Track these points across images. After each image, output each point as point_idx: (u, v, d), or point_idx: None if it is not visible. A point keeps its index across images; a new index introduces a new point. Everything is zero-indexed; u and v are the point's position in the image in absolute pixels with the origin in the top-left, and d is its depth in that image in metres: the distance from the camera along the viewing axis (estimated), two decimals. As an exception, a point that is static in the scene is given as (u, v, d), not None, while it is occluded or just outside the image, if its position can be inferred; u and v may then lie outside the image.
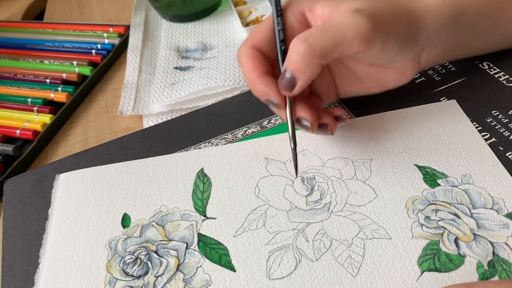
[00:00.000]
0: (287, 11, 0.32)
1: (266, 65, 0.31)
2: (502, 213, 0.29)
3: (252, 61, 0.31)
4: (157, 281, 0.28)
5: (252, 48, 0.31)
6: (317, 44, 0.28)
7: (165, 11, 0.55)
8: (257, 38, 0.32)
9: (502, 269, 0.26)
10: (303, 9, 0.32)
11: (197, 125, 0.39)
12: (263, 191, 0.32)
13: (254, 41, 0.32)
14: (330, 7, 0.30)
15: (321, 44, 0.28)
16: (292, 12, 0.32)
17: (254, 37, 0.32)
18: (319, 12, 0.31)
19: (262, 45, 0.31)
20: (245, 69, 0.31)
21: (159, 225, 0.31)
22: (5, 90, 0.48)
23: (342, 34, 0.28)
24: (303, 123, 0.31)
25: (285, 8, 0.32)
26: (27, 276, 0.30)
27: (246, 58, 0.31)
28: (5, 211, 0.35)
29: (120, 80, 0.50)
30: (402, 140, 0.34)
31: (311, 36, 0.28)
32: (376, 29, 0.28)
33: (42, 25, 0.58)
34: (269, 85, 0.30)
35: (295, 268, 0.28)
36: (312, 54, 0.28)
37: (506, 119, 0.34)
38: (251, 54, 0.31)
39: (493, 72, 0.38)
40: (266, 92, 0.30)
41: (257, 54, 0.31)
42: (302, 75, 0.28)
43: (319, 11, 0.31)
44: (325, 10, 0.30)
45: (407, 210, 0.30)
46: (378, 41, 0.29)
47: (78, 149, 0.41)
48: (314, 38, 0.28)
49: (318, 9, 0.31)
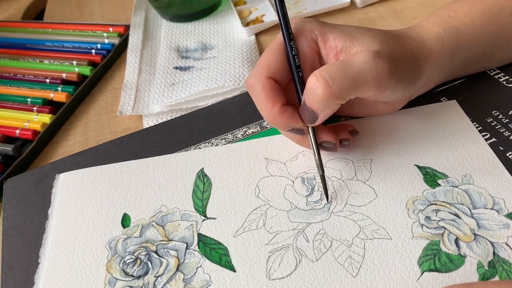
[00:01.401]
0: (300, 37, 0.31)
1: (283, 96, 0.30)
2: (502, 213, 0.29)
3: (270, 94, 0.29)
4: (157, 281, 0.28)
5: (269, 79, 0.30)
6: (337, 88, 0.27)
7: (165, 11, 0.55)
8: (271, 66, 0.30)
9: (503, 269, 0.26)
10: (316, 37, 0.31)
11: (197, 125, 0.39)
12: (263, 191, 0.32)
13: (269, 71, 0.30)
14: (344, 41, 0.30)
15: (340, 87, 0.27)
16: (305, 39, 0.31)
17: (268, 65, 0.30)
18: (332, 44, 0.30)
19: (277, 74, 0.30)
20: (264, 103, 0.29)
21: (159, 225, 0.31)
22: (5, 90, 0.48)
23: (362, 79, 0.28)
24: (327, 146, 0.31)
25: (298, 35, 0.31)
26: (27, 276, 0.30)
27: (263, 90, 0.29)
28: (5, 211, 0.35)
29: (120, 80, 0.50)
30: (403, 140, 0.34)
31: (331, 78, 0.27)
32: (392, 76, 0.29)
33: (42, 25, 0.58)
34: (292, 117, 0.29)
35: (295, 268, 0.28)
36: (332, 96, 0.27)
37: (506, 119, 0.34)
38: (268, 87, 0.29)
39: (493, 73, 0.38)
40: (291, 124, 0.30)
41: (274, 85, 0.30)
42: (322, 111, 0.28)
43: (332, 43, 0.30)
44: (338, 44, 0.30)
45: (407, 210, 0.30)
46: (390, 87, 0.29)
47: (78, 149, 0.41)
48: (333, 81, 0.27)
49: (332, 41, 0.30)
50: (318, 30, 0.31)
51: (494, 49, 0.35)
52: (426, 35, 0.33)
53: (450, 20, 0.34)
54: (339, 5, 0.52)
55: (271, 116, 0.30)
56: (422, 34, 0.33)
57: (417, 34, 0.33)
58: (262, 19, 0.52)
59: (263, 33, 0.52)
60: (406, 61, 0.31)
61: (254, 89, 0.30)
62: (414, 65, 0.31)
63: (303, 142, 0.32)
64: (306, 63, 0.31)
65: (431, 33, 0.33)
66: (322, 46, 0.31)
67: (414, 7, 0.52)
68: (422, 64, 0.32)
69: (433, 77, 0.34)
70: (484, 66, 0.38)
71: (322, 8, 0.52)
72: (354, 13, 0.53)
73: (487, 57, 0.36)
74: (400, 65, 0.30)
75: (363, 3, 0.53)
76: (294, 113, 0.30)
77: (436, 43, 0.33)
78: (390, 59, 0.29)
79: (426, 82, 0.34)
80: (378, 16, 0.51)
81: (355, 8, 0.53)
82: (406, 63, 0.30)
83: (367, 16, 0.52)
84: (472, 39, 0.34)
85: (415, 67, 0.31)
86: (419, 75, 0.32)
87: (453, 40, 0.33)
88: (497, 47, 0.35)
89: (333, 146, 0.31)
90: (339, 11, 0.53)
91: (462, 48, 0.34)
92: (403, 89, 0.31)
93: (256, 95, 0.30)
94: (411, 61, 0.31)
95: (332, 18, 0.52)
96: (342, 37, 0.30)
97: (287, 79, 0.31)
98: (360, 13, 0.52)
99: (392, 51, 0.30)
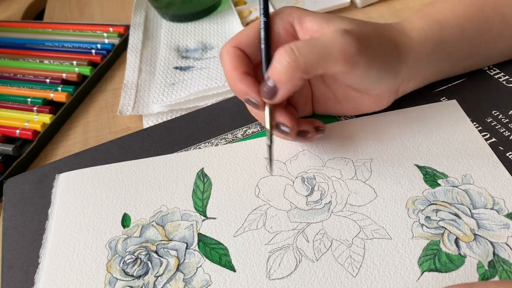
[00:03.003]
0: (276, 18, 0.32)
1: (247, 66, 0.31)
2: (502, 213, 0.29)
3: (234, 60, 0.30)
4: (157, 281, 0.28)
5: (235, 48, 0.31)
6: (302, 58, 0.27)
7: (165, 11, 0.55)
8: (241, 39, 0.31)
9: (503, 269, 0.26)
10: (293, 19, 0.31)
11: (197, 125, 0.39)
12: (263, 191, 0.32)
13: (237, 41, 0.31)
14: (320, 23, 0.30)
15: (306, 58, 0.28)
16: (281, 20, 0.32)
17: (238, 38, 0.31)
18: (308, 26, 0.31)
19: (245, 46, 0.31)
20: (226, 67, 0.31)
21: (159, 225, 0.31)
22: (5, 90, 0.48)
23: (328, 52, 0.28)
24: (282, 129, 0.30)
25: (275, 15, 0.32)
26: (27, 276, 0.30)
27: (228, 56, 0.31)
28: (5, 211, 0.35)
29: (120, 80, 0.50)
30: (403, 140, 0.34)
31: (297, 49, 0.28)
32: (362, 53, 0.29)
33: (42, 25, 0.58)
34: (250, 85, 0.30)
35: (295, 268, 0.28)
36: (297, 67, 0.28)
37: (506, 119, 0.34)
38: (233, 53, 0.31)
39: (493, 73, 0.38)
40: (246, 92, 0.30)
41: (239, 54, 0.31)
42: (284, 86, 0.28)
43: (308, 25, 0.31)
44: (314, 25, 0.31)
45: (407, 210, 0.30)
46: (361, 65, 0.29)
47: (78, 149, 0.41)
48: (300, 52, 0.28)
49: (308, 23, 0.31)
50: (296, 13, 0.32)
51: (481, 44, 0.35)
52: (408, 26, 0.34)
53: (432, 14, 0.34)
54: (339, 5, 0.52)
55: (231, 81, 0.30)
56: (404, 26, 0.34)
57: (399, 25, 0.34)
58: (262, 19, 0.52)
59: (263, 33, 0.52)
60: (381, 44, 0.31)
61: (221, 57, 0.31)
62: (392, 50, 0.32)
63: (260, 117, 0.32)
64: (280, 43, 0.31)
65: (413, 25, 0.34)
66: (299, 29, 0.32)
67: (414, 7, 0.52)
68: (403, 52, 0.32)
69: (418, 69, 0.34)
70: (474, 64, 0.38)
71: (322, 8, 0.52)
72: (354, 13, 0.53)
73: (475, 52, 0.36)
74: (373, 45, 0.30)
75: (363, 3, 0.53)
76: (254, 83, 0.30)
77: (418, 33, 0.33)
78: (359, 37, 0.29)
79: (412, 75, 0.34)
80: (378, 16, 0.51)
81: (355, 8, 0.53)
82: (380, 45, 0.31)
83: (367, 16, 0.52)
84: (456, 32, 0.34)
85: (393, 52, 0.32)
86: (398, 63, 0.32)
87: (436, 32, 0.33)
88: (484, 42, 0.35)
89: (287, 130, 0.30)
90: (339, 11, 0.53)
91: (446, 41, 0.34)
92: (379, 73, 0.31)
93: (222, 62, 0.31)
94: (388, 45, 0.31)
95: (332, 18, 0.52)
96: (318, 20, 0.31)
97: (258, 56, 0.32)
98: (360, 13, 0.52)
99: (364, 32, 0.30)
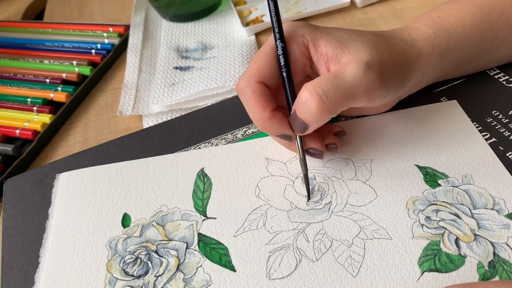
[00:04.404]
0: (292, 42, 0.31)
1: (273, 101, 0.30)
2: (502, 214, 0.29)
3: (261, 99, 0.29)
4: (157, 281, 0.28)
5: (259, 84, 0.30)
6: (330, 103, 0.27)
7: (165, 11, 0.55)
8: (261, 71, 0.30)
9: (503, 270, 0.26)
10: (308, 43, 0.31)
11: (197, 125, 0.39)
12: (264, 191, 0.32)
13: (259, 75, 0.30)
14: (335, 48, 0.30)
15: (334, 102, 0.27)
16: (296, 44, 0.31)
17: (258, 70, 0.30)
18: (322, 51, 0.30)
19: (267, 78, 0.30)
20: (254, 109, 0.29)
21: (159, 225, 0.31)
22: (5, 90, 0.48)
23: (354, 93, 0.28)
24: (313, 152, 0.32)
25: (290, 39, 0.31)
26: (27, 276, 0.30)
27: (253, 95, 0.29)
28: (5, 211, 0.35)
29: (120, 80, 0.50)
30: (403, 140, 0.34)
31: (324, 93, 0.27)
32: (382, 86, 0.29)
33: (42, 25, 0.58)
34: (282, 123, 0.29)
35: (295, 268, 0.28)
36: (325, 112, 0.28)
37: (506, 119, 0.34)
38: (259, 91, 0.29)
39: (493, 73, 0.38)
40: (279, 130, 0.30)
41: (264, 90, 0.30)
42: (314, 124, 0.29)
43: (323, 49, 0.30)
44: (329, 51, 0.30)
45: (407, 210, 0.30)
46: (380, 96, 0.30)
47: (78, 149, 0.41)
48: (327, 96, 0.27)
49: (323, 47, 0.30)
50: (309, 35, 0.31)
51: (485, 50, 0.36)
52: (416, 36, 0.33)
53: (440, 21, 0.34)
54: (339, 5, 0.52)
55: (260, 121, 0.30)
56: (412, 36, 0.33)
57: (408, 35, 0.33)
58: (262, 19, 0.52)
59: (263, 33, 0.52)
60: (396, 67, 0.31)
61: (244, 94, 0.30)
62: (404, 68, 0.32)
63: (291, 147, 0.33)
64: (298, 68, 0.31)
65: (421, 34, 0.33)
66: (313, 52, 0.31)
67: (414, 7, 0.52)
68: (412, 66, 0.32)
69: (423, 77, 0.34)
70: (475, 67, 0.38)
71: (322, 8, 0.52)
72: (354, 13, 0.53)
73: (478, 57, 0.36)
74: (390, 73, 0.30)
75: (363, 3, 0.53)
76: (284, 119, 0.30)
77: (426, 44, 0.33)
78: (380, 69, 0.29)
79: (416, 83, 0.34)
80: (378, 16, 0.51)
81: (355, 8, 0.53)
82: (396, 70, 0.31)
83: (367, 16, 0.52)
84: (462, 40, 0.34)
85: (405, 71, 0.32)
86: (408, 78, 0.32)
87: (443, 41, 0.33)
88: (488, 47, 0.35)
89: (319, 153, 0.32)
90: (339, 11, 0.53)
91: (452, 49, 0.34)
92: (393, 94, 0.31)
93: (246, 100, 0.30)
94: (401, 65, 0.31)
95: (332, 18, 0.52)
96: (333, 44, 0.30)
97: (277, 83, 0.31)
98: (360, 13, 0.52)
99: (382, 59, 0.30)
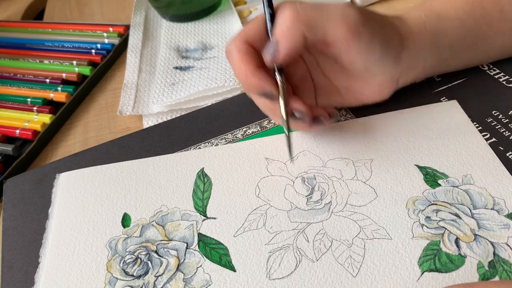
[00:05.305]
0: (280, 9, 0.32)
1: (258, 59, 0.30)
2: (503, 214, 0.29)
3: (245, 56, 0.30)
4: (157, 281, 0.28)
5: (244, 43, 0.31)
6: (304, 12, 0.28)
7: (165, 11, 0.55)
8: (249, 33, 0.31)
9: (503, 270, 0.26)
10: None
11: (197, 125, 0.39)
12: (264, 191, 0.32)
13: (246, 36, 0.31)
14: None
15: (307, 13, 0.28)
16: None
17: (246, 33, 0.31)
18: None
19: (254, 40, 0.31)
20: (237, 64, 0.30)
21: (159, 225, 0.31)
22: (5, 90, 0.48)
23: (331, 14, 0.29)
24: (298, 115, 0.31)
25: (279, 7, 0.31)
26: (27, 276, 0.30)
27: (238, 53, 0.30)
28: (5, 211, 0.35)
29: (120, 80, 0.50)
30: (403, 140, 0.34)
31: (300, 5, 0.28)
32: (365, 24, 0.29)
33: (42, 25, 0.58)
34: (264, 78, 0.29)
35: (295, 268, 0.28)
36: (297, 18, 0.28)
37: (506, 119, 0.34)
38: (244, 49, 0.30)
39: (493, 73, 0.38)
40: (261, 85, 0.30)
41: (249, 49, 0.30)
42: (286, 39, 0.29)
43: None
44: None
45: (407, 210, 0.30)
46: (364, 34, 0.29)
47: (78, 149, 0.41)
48: (302, 7, 0.28)
49: None
50: None
51: (480, 37, 0.36)
52: (407, 17, 0.35)
53: (431, 6, 0.35)
54: (339, 5, 0.52)
55: (243, 77, 0.30)
56: (403, 17, 0.35)
57: (399, 17, 0.35)
58: (262, 19, 0.52)
59: (263, 33, 0.52)
60: (384, 23, 0.32)
61: (230, 54, 0.31)
62: (394, 33, 0.32)
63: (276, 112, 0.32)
64: None
65: (412, 16, 0.35)
66: None
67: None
68: (403, 37, 0.33)
69: (418, 59, 0.34)
70: (474, 58, 0.38)
71: (322, 8, 0.52)
72: (354, 13, 0.53)
73: (474, 46, 0.36)
74: (376, 20, 0.31)
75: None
76: (267, 77, 0.30)
77: (417, 23, 0.34)
78: (363, 11, 0.30)
79: (412, 64, 0.34)
80: (378, 16, 0.51)
81: (355, 8, 0.53)
82: (383, 24, 0.32)
83: (367, 16, 0.52)
84: (455, 25, 0.34)
85: (394, 35, 0.32)
86: (400, 47, 0.32)
87: (434, 23, 0.34)
88: (482, 35, 0.36)
89: (303, 116, 0.31)
90: (339, 11, 0.53)
91: (445, 32, 0.34)
92: (382, 52, 0.31)
93: (232, 59, 0.31)
94: (390, 28, 0.32)
95: (332, 18, 0.52)
96: None
97: None
98: (360, 13, 0.52)
99: (367, 10, 0.31)
